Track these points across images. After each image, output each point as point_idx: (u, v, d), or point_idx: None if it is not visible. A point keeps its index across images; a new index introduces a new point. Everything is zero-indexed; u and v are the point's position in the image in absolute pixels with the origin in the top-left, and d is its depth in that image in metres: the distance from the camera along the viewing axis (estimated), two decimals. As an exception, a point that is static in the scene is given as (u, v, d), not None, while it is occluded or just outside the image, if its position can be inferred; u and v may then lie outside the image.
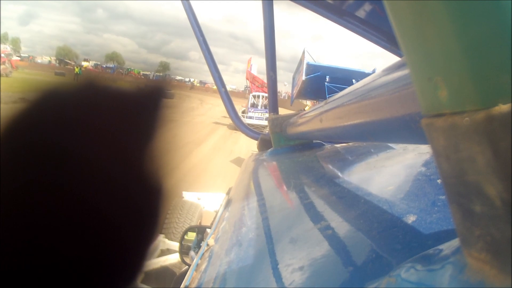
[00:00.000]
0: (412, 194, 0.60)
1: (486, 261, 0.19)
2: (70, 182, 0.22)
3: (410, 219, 0.47)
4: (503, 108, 0.17)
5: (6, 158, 0.22)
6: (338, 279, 0.41)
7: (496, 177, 0.18)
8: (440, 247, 0.26)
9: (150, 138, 0.26)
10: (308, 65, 9.86)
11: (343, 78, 9.37)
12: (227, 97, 2.47)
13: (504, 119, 0.17)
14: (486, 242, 0.19)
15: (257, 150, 1.91)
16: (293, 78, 10.71)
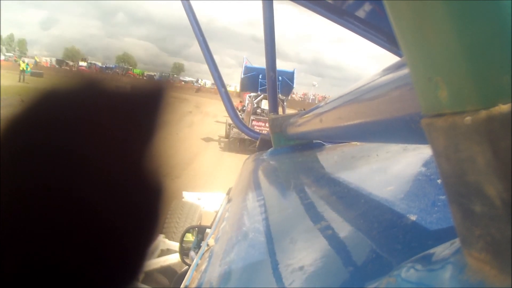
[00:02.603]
0: (412, 194, 0.60)
1: (486, 261, 0.19)
2: None
3: (410, 219, 0.47)
4: (503, 108, 0.17)
5: None
6: (338, 279, 0.41)
7: (496, 177, 0.18)
8: (440, 247, 0.26)
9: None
10: (246, 67, 13.38)
11: None
12: (227, 97, 2.47)
13: (504, 119, 0.17)
14: (486, 242, 0.19)
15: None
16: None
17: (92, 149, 0.23)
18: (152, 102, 0.26)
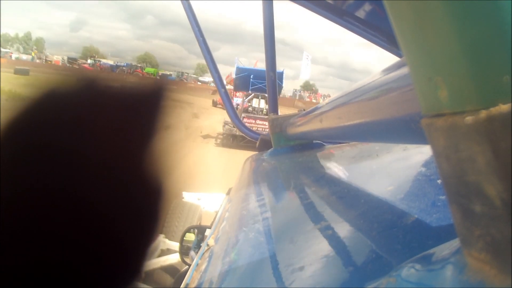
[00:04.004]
0: (412, 194, 0.60)
1: (486, 261, 0.19)
2: None
3: (410, 219, 0.47)
4: (503, 108, 0.17)
5: None
6: (338, 279, 0.41)
7: (496, 177, 0.18)
8: (440, 247, 0.26)
9: None
10: (237, 68, 14.46)
11: (262, 76, 12.97)
12: (226, 97, 2.47)
13: (504, 119, 0.17)
14: (486, 242, 0.19)
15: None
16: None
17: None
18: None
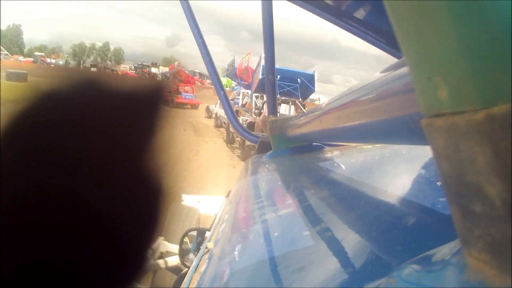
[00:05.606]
0: (412, 195, 0.60)
1: (486, 261, 0.19)
2: None
3: (410, 220, 0.47)
4: (503, 108, 0.17)
5: None
6: (338, 280, 0.41)
7: (496, 177, 0.18)
8: (440, 247, 0.26)
9: None
10: (263, 66, 12.50)
11: (290, 77, 11.94)
12: (225, 99, 2.48)
13: (504, 119, 0.17)
14: (486, 242, 0.19)
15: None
16: (253, 77, 13.58)
17: None
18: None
